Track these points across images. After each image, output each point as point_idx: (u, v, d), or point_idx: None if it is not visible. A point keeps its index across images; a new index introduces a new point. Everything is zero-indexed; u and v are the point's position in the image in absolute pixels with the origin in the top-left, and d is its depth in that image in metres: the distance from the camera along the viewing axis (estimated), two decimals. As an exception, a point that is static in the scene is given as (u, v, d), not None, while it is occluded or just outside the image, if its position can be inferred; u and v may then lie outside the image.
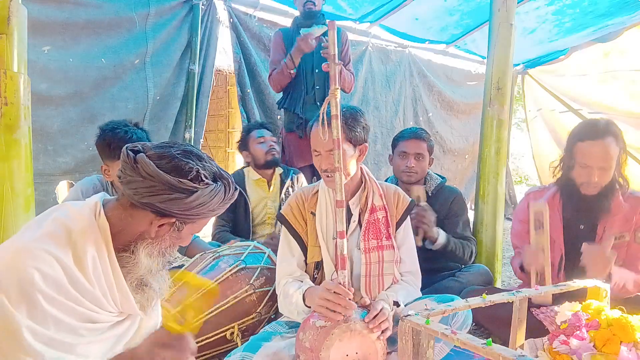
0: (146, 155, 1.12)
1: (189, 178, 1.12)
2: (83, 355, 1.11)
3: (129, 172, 1.11)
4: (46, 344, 1.03)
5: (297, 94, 3.22)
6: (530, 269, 1.95)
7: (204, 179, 1.14)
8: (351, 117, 1.74)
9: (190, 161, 1.14)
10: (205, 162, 1.18)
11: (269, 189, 2.94)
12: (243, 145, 2.98)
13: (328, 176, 1.74)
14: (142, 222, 1.16)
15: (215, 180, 1.18)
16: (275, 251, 2.34)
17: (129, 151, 1.13)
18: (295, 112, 3.22)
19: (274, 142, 2.95)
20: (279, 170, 2.97)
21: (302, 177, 3.07)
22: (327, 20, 1.48)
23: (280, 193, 2.93)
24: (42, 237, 1.07)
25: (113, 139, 2.06)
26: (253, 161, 2.93)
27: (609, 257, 1.84)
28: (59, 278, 1.05)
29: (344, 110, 1.73)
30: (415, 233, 2.28)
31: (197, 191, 1.12)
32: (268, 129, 3.03)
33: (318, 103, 3.14)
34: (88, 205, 1.18)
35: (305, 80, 3.19)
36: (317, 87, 3.19)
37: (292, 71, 3.08)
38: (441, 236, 2.39)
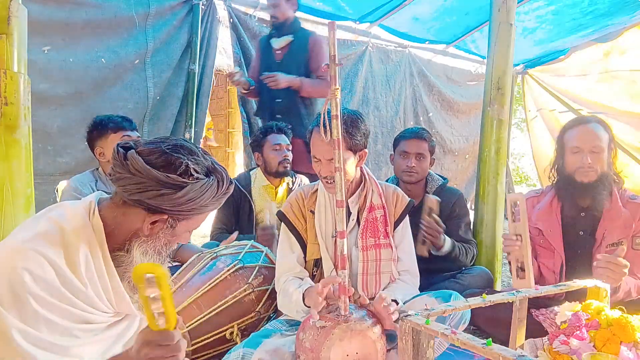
0: (137, 151, 1.10)
1: (177, 173, 1.09)
2: (77, 357, 1.10)
3: (118, 169, 1.10)
4: (38, 346, 1.01)
5: (264, 103, 3.28)
6: (509, 259, 1.91)
7: (193, 173, 1.11)
8: (351, 124, 1.71)
9: (181, 155, 1.11)
10: (197, 157, 1.15)
11: (276, 196, 2.88)
12: (257, 147, 2.88)
13: (328, 182, 1.74)
14: (135, 220, 1.14)
15: (207, 175, 1.15)
16: (265, 242, 2.39)
17: (119, 148, 1.11)
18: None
19: (289, 150, 2.87)
20: (288, 179, 2.92)
21: (304, 179, 3.06)
22: (328, 21, 1.46)
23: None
24: (34, 238, 1.05)
25: (101, 119, 2.24)
26: (264, 165, 2.86)
27: (624, 266, 1.82)
28: (50, 279, 1.03)
29: (344, 116, 1.68)
30: (422, 242, 2.29)
31: (186, 186, 1.09)
32: (286, 133, 2.91)
33: (278, 116, 3.16)
34: (83, 204, 1.16)
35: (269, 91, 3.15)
36: (279, 99, 3.16)
37: (243, 90, 3.17)
38: (447, 243, 2.39)
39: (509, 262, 1.96)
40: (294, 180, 2.96)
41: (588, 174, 2.04)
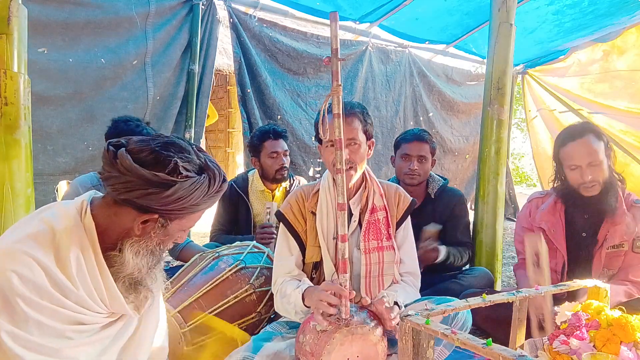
0: (127, 150, 1.08)
1: (166, 171, 1.07)
2: (71, 358, 1.09)
3: (107, 168, 1.08)
4: (28, 348, 1.01)
5: None
6: (530, 314, 1.92)
7: (182, 171, 1.08)
8: (363, 109, 1.80)
9: (170, 153, 1.09)
10: (189, 154, 1.12)
11: (273, 198, 2.87)
12: (254, 152, 2.82)
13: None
14: (126, 220, 1.12)
15: (199, 173, 1.12)
16: (264, 241, 2.42)
17: (110, 146, 1.09)
18: None
19: (286, 155, 2.82)
20: (285, 183, 2.90)
21: (302, 180, 3.05)
22: (330, 13, 1.43)
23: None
24: (24, 239, 1.04)
25: (124, 129, 2.16)
26: (261, 171, 2.83)
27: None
28: (40, 281, 1.02)
29: (355, 103, 1.79)
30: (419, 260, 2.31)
31: (174, 185, 1.07)
32: (284, 137, 2.85)
33: None
34: (75, 204, 1.15)
35: None
36: None
37: None
38: (441, 254, 2.42)
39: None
40: (291, 182, 2.95)
41: (592, 189, 2.05)
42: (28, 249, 1.02)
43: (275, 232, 2.55)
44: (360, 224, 1.81)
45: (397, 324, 1.45)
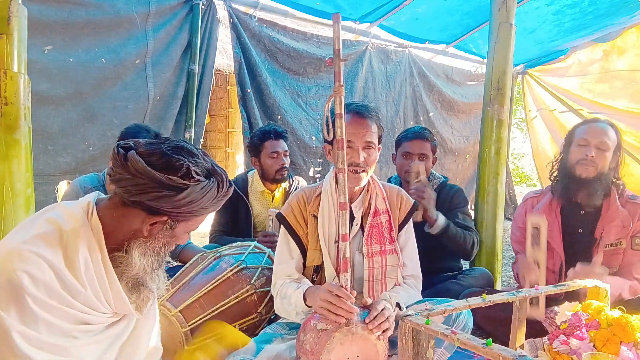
0: (137, 152, 1.09)
1: (178, 175, 1.09)
2: (77, 357, 1.10)
3: (119, 170, 1.09)
4: (38, 348, 1.02)
5: None
6: (524, 282, 1.94)
7: (194, 175, 1.11)
8: (379, 116, 1.79)
9: (181, 157, 1.11)
10: (198, 158, 1.14)
11: (273, 199, 2.87)
12: (254, 152, 2.82)
13: (357, 172, 1.70)
14: (134, 221, 1.13)
15: (207, 177, 1.15)
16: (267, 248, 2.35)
17: (119, 148, 1.11)
18: None
19: (286, 156, 2.82)
20: (285, 183, 2.90)
21: (302, 181, 3.05)
22: (333, 15, 1.44)
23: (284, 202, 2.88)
24: (33, 239, 1.05)
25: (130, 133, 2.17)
26: (261, 171, 2.82)
27: (599, 274, 1.84)
28: (49, 281, 1.03)
29: (371, 107, 1.79)
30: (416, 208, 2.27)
31: (187, 188, 1.09)
32: (284, 138, 2.85)
33: None
34: (81, 205, 1.16)
35: None
36: None
37: None
38: (440, 219, 2.36)
39: (522, 284, 1.98)
40: (290, 183, 2.94)
41: (588, 169, 2.07)
42: (38, 249, 1.03)
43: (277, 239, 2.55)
44: (362, 227, 1.79)
45: (384, 330, 1.45)
